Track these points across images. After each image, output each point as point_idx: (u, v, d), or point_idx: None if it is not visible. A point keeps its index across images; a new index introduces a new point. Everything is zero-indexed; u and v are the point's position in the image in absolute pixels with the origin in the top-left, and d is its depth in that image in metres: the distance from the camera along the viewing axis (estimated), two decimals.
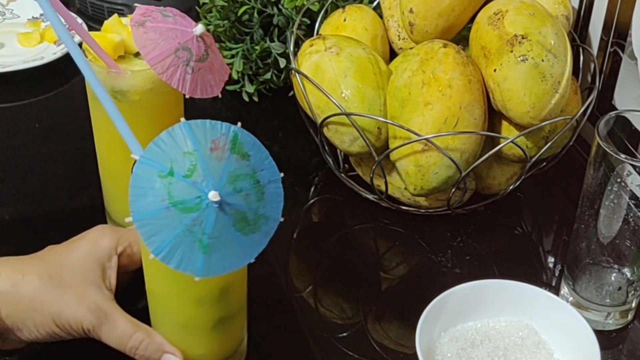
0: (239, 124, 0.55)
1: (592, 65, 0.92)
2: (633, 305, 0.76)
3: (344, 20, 0.90)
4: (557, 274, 0.83)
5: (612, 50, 0.92)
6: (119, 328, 0.64)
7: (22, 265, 0.65)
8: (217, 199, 0.51)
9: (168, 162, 0.52)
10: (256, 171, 0.54)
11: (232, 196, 0.53)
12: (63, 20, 0.72)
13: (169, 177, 0.52)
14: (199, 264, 0.53)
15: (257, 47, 1.02)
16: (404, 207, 0.88)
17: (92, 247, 0.67)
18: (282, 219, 0.56)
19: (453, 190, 0.82)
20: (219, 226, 0.52)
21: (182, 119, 0.55)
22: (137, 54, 0.75)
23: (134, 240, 0.69)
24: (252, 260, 0.55)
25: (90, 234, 0.68)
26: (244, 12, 1.01)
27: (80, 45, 0.73)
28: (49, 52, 1.10)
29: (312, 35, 0.94)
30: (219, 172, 0.52)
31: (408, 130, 0.78)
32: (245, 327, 0.70)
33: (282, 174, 0.56)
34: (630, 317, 0.77)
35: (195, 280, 0.53)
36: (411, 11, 0.83)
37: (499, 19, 0.79)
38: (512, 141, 0.80)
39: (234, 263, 0.54)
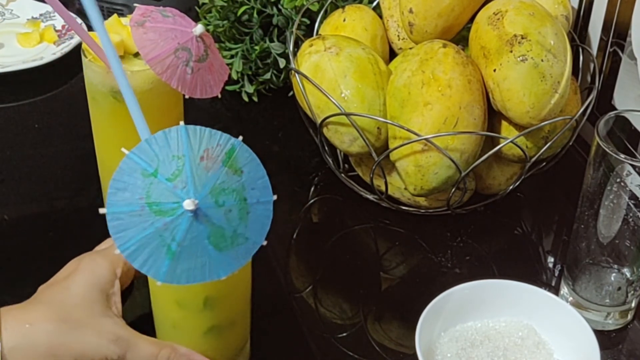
0: (241, 137, 0.54)
1: (592, 65, 0.92)
2: (633, 305, 0.76)
3: (344, 20, 0.90)
4: (556, 274, 0.83)
5: (611, 50, 0.92)
6: (144, 351, 0.63)
7: (25, 313, 0.62)
8: (192, 207, 0.50)
9: (155, 162, 0.52)
10: (246, 189, 0.53)
11: (212, 209, 0.51)
12: (63, 20, 0.72)
13: (151, 177, 0.51)
14: (163, 269, 0.52)
15: (256, 47, 1.01)
16: (404, 207, 0.88)
17: (90, 278, 0.65)
18: (264, 243, 0.54)
19: (453, 190, 0.82)
20: (191, 236, 0.51)
21: (182, 123, 0.54)
22: (136, 54, 0.75)
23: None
24: (223, 277, 0.53)
25: (83, 264, 0.66)
26: (244, 12, 1.01)
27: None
28: (48, 52, 1.10)
29: (312, 36, 0.94)
30: (204, 182, 0.51)
31: (408, 130, 0.78)
32: (248, 336, 0.70)
33: (275, 196, 0.54)
34: (629, 317, 0.77)
35: (158, 284, 0.52)
36: (411, 11, 0.83)
37: (498, 19, 0.79)
38: (511, 141, 0.80)
39: (201, 275, 0.53)
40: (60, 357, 0.61)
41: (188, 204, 0.50)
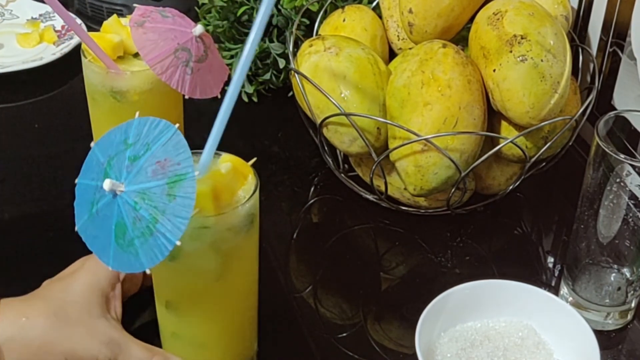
0: (197, 172, 0.55)
1: (592, 66, 0.92)
2: (632, 305, 0.76)
3: (343, 20, 0.90)
4: (556, 274, 0.83)
5: (611, 50, 0.92)
6: (135, 356, 0.63)
7: (24, 307, 0.63)
8: (107, 187, 0.54)
9: (123, 146, 0.55)
10: (165, 215, 0.54)
11: (128, 206, 0.54)
12: (63, 20, 0.72)
13: (111, 160, 0.56)
14: (81, 221, 0.57)
15: (256, 48, 1.01)
16: (403, 208, 0.88)
17: (92, 278, 0.65)
18: (148, 272, 0.54)
19: (453, 190, 0.82)
20: (105, 212, 0.55)
21: (177, 125, 0.56)
22: (136, 55, 0.75)
23: None
24: (111, 268, 0.55)
25: (87, 264, 0.66)
26: (243, 13, 1.01)
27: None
28: (48, 53, 1.10)
29: (312, 36, 0.94)
30: (140, 180, 0.54)
31: (407, 130, 0.78)
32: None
33: (178, 243, 0.53)
34: (629, 317, 0.77)
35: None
36: (410, 11, 0.83)
37: (498, 19, 0.79)
38: (511, 141, 0.80)
39: (101, 252, 0.56)
40: (51, 353, 0.62)
41: (106, 183, 0.54)
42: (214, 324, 0.66)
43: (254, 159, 0.62)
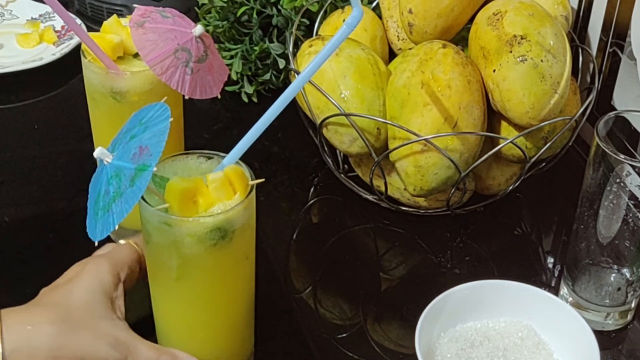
0: (155, 168, 0.56)
1: (592, 66, 0.92)
2: (632, 305, 0.76)
3: (343, 20, 0.90)
4: (556, 275, 0.83)
5: (611, 50, 0.92)
6: (143, 356, 0.63)
7: (27, 315, 0.62)
8: (96, 154, 0.58)
9: (137, 123, 0.59)
10: (116, 199, 0.56)
11: (105, 178, 0.58)
12: (62, 21, 0.72)
13: (125, 133, 0.60)
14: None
15: (256, 48, 1.02)
16: (403, 208, 0.88)
17: (94, 282, 0.64)
18: (95, 243, 0.58)
19: (452, 190, 0.82)
20: (97, 174, 0.59)
21: (171, 119, 0.58)
22: (136, 55, 0.75)
23: (129, 260, 0.67)
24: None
25: (87, 268, 0.66)
26: (243, 13, 1.01)
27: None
28: (48, 53, 1.10)
29: (311, 36, 0.94)
30: (123, 158, 0.57)
31: (407, 130, 0.78)
32: (250, 350, 0.70)
33: (116, 227, 0.56)
34: (629, 317, 0.77)
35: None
36: (410, 12, 0.83)
37: (498, 19, 0.79)
38: (511, 142, 0.80)
39: (91, 211, 0.59)
40: (60, 359, 0.60)
41: (97, 151, 0.58)
42: (199, 325, 0.66)
43: (260, 180, 0.61)
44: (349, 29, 0.60)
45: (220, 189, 0.60)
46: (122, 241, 0.69)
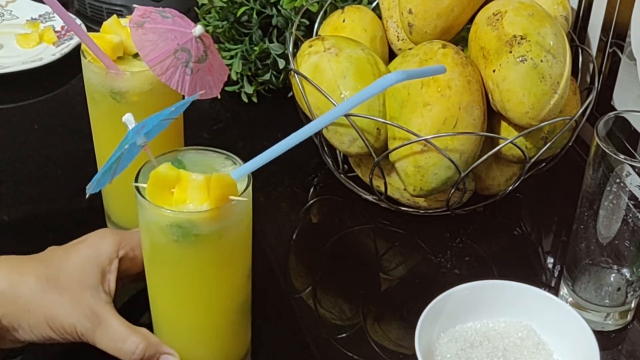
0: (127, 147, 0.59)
1: (591, 66, 0.92)
2: (632, 305, 0.76)
3: (343, 21, 0.90)
4: (556, 275, 0.83)
5: (611, 50, 0.92)
6: (113, 332, 0.64)
7: (21, 265, 0.65)
8: (125, 118, 0.61)
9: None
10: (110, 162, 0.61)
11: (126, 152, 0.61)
12: (62, 21, 0.72)
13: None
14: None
15: (256, 48, 1.01)
16: (403, 208, 0.88)
17: (91, 251, 0.66)
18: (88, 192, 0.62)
19: (452, 191, 0.82)
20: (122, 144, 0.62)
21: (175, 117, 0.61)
22: (136, 55, 0.75)
23: (136, 244, 0.68)
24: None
25: (91, 237, 0.68)
26: (243, 13, 1.01)
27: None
28: (47, 53, 1.10)
29: (311, 36, 0.94)
30: (141, 132, 0.61)
31: (407, 131, 0.78)
32: (247, 346, 0.70)
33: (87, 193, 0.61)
34: (629, 317, 0.77)
35: None
36: (410, 12, 0.83)
37: (498, 19, 0.79)
38: (511, 142, 0.80)
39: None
40: (34, 313, 0.63)
41: (125, 116, 0.62)
42: (186, 323, 0.67)
43: (240, 199, 0.60)
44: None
45: (197, 190, 0.60)
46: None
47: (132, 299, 0.74)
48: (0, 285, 0.63)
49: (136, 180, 0.61)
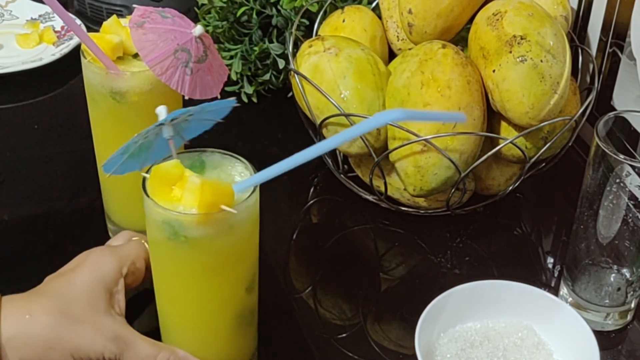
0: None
1: (591, 66, 0.92)
2: (632, 305, 0.76)
3: (343, 21, 0.90)
4: (556, 275, 0.83)
5: (611, 50, 0.92)
6: (142, 352, 0.63)
7: (27, 304, 0.62)
8: (163, 115, 0.62)
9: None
10: (147, 153, 0.64)
11: (155, 142, 0.63)
12: (62, 21, 0.72)
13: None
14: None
15: (256, 48, 1.02)
16: (403, 208, 0.88)
17: (95, 274, 0.65)
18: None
19: (452, 191, 0.82)
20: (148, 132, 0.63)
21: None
22: (135, 55, 0.75)
23: (135, 256, 0.67)
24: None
25: (90, 259, 0.66)
26: (243, 13, 1.01)
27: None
28: (47, 54, 1.10)
29: (311, 36, 0.94)
30: (170, 123, 0.63)
31: (407, 131, 0.78)
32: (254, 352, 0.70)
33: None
34: (629, 317, 0.77)
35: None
36: (410, 12, 0.83)
37: (497, 19, 0.79)
38: (511, 142, 0.80)
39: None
40: (57, 350, 0.61)
41: (162, 110, 0.63)
42: (193, 324, 0.66)
43: (229, 209, 0.59)
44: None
45: (191, 193, 0.60)
46: (135, 238, 0.70)
47: (130, 302, 0.74)
48: (12, 330, 0.60)
49: (148, 172, 0.61)
